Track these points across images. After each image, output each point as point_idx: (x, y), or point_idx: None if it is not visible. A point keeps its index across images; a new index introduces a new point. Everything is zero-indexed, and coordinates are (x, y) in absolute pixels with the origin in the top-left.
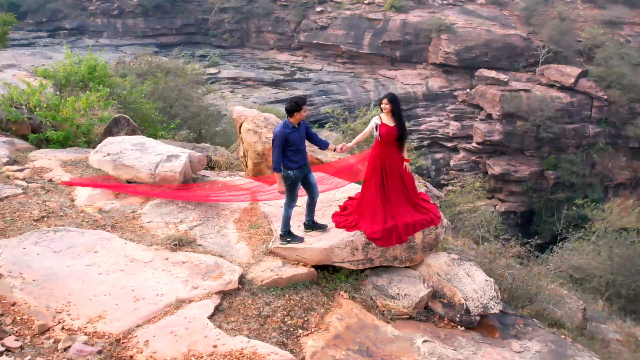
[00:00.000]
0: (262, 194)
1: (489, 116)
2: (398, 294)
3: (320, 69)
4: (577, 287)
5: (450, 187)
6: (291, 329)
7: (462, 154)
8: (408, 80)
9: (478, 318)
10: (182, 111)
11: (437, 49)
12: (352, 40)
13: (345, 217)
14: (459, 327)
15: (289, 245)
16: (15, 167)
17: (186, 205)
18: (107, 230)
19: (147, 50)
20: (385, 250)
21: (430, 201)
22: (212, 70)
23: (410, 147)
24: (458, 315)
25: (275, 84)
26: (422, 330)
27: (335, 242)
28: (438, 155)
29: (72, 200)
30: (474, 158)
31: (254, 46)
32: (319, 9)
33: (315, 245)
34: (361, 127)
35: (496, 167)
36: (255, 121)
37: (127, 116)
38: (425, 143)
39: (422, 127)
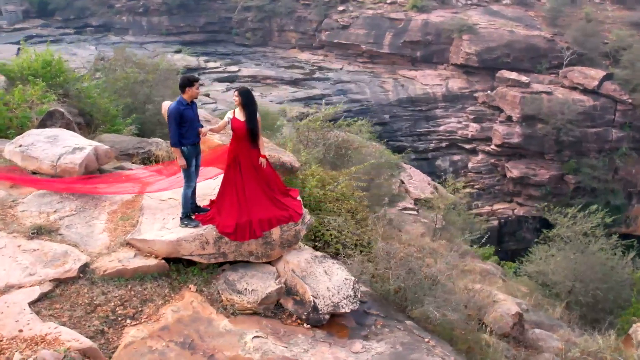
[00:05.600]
0: (153, 186)
1: (509, 118)
2: (245, 289)
3: (341, 69)
4: (541, 292)
5: (467, 190)
6: (119, 319)
7: (480, 156)
8: (428, 81)
9: (328, 317)
10: (152, 107)
11: (458, 49)
12: (372, 39)
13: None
14: (305, 324)
15: (142, 237)
16: None
17: (69, 196)
18: None
19: (170, 48)
20: (240, 245)
21: (299, 197)
22: (233, 68)
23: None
24: (305, 313)
25: (294, 82)
26: (261, 326)
27: (184, 235)
28: (456, 157)
29: None
30: (492, 161)
31: (276, 45)
32: (341, 8)
33: (165, 237)
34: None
35: (515, 170)
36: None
37: (62, 110)
38: (443, 144)
39: (441, 128)
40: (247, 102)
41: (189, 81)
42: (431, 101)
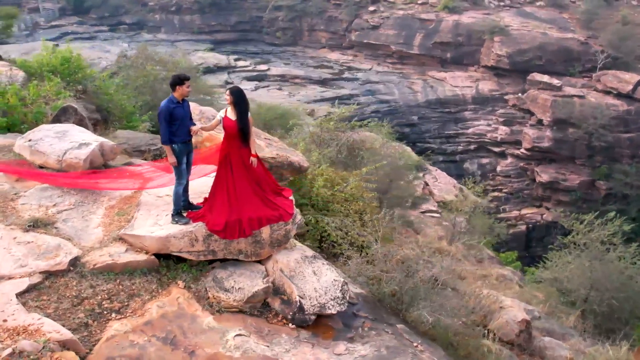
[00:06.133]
0: (153, 182)
1: (540, 122)
2: (233, 287)
3: (370, 69)
4: (558, 299)
5: (495, 193)
6: (104, 312)
7: (509, 159)
8: (458, 83)
9: (313, 317)
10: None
11: (490, 51)
12: (402, 40)
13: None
14: (290, 324)
15: (133, 232)
16: None
17: (70, 190)
18: None
19: (201, 46)
20: (229, 243)
21: (291, 197)
22: (262, 67)
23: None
24: (291, 313)
25: (322, 82)
26: (245, 325)
27: (173, 232)
28: (484, 160)
29: None
30: (522, 164)
31: (306, 44)
32: (371, 8)
33: (155, 233)
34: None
35: (544, 174)
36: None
37: (75, 106)
38: (472, 147)
39: (470, 130)
40: (238, 101)
41: (179, 79)
42: (460, 103)
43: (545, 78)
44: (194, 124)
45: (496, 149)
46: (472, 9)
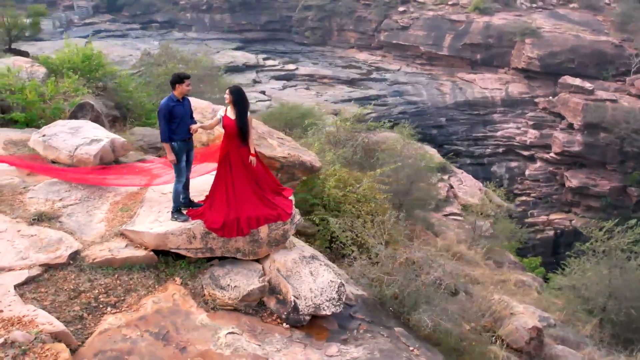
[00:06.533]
0: (160, 178)
1: (570, 126)
2: (228, 285)
3: (398, 70)
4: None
5: (524, 198)
6: (100, 306)
7: (538, 163)
8: (487, 85)
9: (308, 318)
10: None
11: (520, 53)
12: (432, 41)
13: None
14: (284, 324)
15: (134, 228)
16: None
17: (78, 185)
18: None
19: (230, 45)
20: (227, 241)
21: (291, 197)
22: (291, 66)
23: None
24: (285, 313)
25: (350, 82)
26: (239, 323)
27: (171, 229)
28: (513, 164)
29: None
30: (551, 169)
31: (335, 44)
32: (401, 8)
33: (154, 230)
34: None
35: (574, 179)
36: (203, 112)
37: (92, 102)
38: (500, 150)
39: (499, 133)
40: (238, 100)
41: (179, 78)
42: (489, 105)
43: (577, 81)
44: (195, 122)
45: (525, 153)
46: (504, 11)
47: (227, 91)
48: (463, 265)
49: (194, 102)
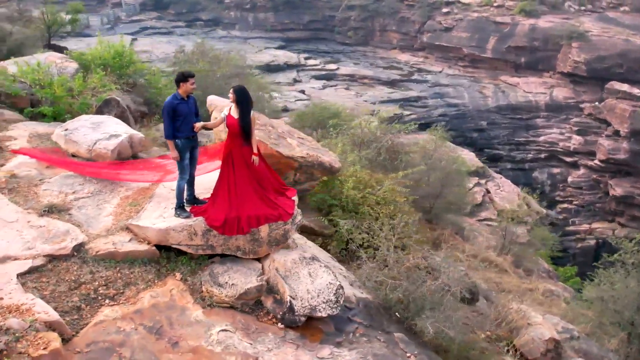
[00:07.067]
0: (171, 175)
1: (616, 133)
2: (226, 282)
3: (440, 71)
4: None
5: (565, 205)
6: (99, 298)
7: (582, 170)
8: (531, 89)
9: (303, 319)
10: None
11: (566, 57)
12: (475, 43)
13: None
14: (279, 324)
15: (138, 223)
16: None
17: (92, 179)
18: (2, 193)
19: (272, 44)
20: (228, 239)
21: (294, 198)
22: (332, 66)
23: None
24: (281, 313)
25: (391, 83)
26: (234, 321)
27: (173, 225)
28: (555, 170)
29: (1, 165)
30: (595, 176)
31: (377, 45)
32: (445, 10)
33: (156, 225)
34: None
35: (619, 188)
36: (223, 110)
37: (118, 98)
38: (542, 155)
39: (541, 138)
40: (241, 100)
41: (183, 77)
42: (533, 110)
43: (625, 87)
44: (199, 121)
45: (568, 159)
46: (551, 13)
47: (231, 90)
48: (490, 272)
49: (220, 101)
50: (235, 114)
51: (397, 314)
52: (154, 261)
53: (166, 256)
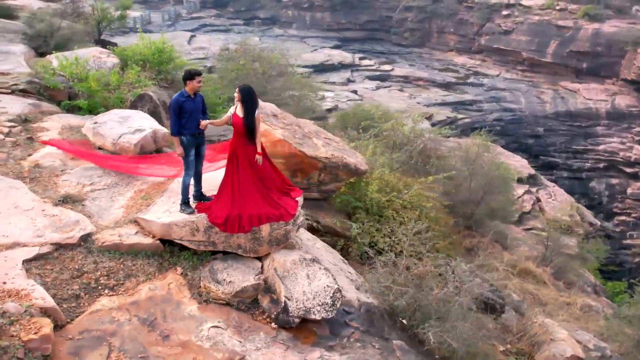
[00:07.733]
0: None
1: None
2: (224, 279)
3: (497, 75)
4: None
5: (623, 218)
6: (99, 287)
7: None
8: (592, 95)
9: (297, 320)
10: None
11: (631, 63)
12: (535, 47)
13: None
14: (273, 324)
15: (145, 216)
16: (9, 122)
17: (110, 171)
18: (24, 182)
19: (328, 43)
20: (229, 236)
21: (298, 198)
22: (386, 67)
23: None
24: (275, 313)
25: (446, 86)
26: (228, 318)
27: (176, 220)
28: (614, 181)
29: (29, 155)
30: None
31: (434, 46)
32: (505, 12)
33: (161, 219)
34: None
35: None
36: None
37: (150, 93)
38: (600, 165)
39: (600, 147)
40: (246, 99)
41: (190, 75)
42: (593, 117)
43: None
44: (206, 118)
45: (628, 170)
46: (616, 18)
47: (237, 89)
48: (527, 283)
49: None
50: (240, 112)
51: (403, 321)
52: (158, 254)
53: (170, 250)
